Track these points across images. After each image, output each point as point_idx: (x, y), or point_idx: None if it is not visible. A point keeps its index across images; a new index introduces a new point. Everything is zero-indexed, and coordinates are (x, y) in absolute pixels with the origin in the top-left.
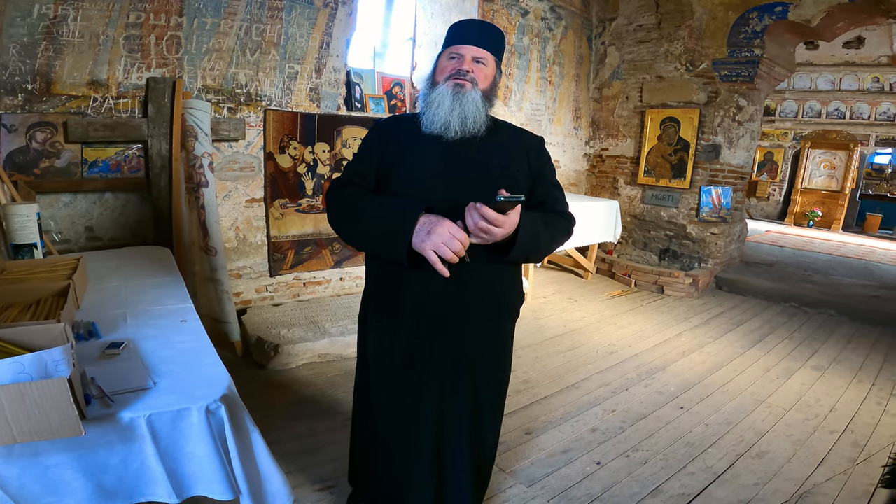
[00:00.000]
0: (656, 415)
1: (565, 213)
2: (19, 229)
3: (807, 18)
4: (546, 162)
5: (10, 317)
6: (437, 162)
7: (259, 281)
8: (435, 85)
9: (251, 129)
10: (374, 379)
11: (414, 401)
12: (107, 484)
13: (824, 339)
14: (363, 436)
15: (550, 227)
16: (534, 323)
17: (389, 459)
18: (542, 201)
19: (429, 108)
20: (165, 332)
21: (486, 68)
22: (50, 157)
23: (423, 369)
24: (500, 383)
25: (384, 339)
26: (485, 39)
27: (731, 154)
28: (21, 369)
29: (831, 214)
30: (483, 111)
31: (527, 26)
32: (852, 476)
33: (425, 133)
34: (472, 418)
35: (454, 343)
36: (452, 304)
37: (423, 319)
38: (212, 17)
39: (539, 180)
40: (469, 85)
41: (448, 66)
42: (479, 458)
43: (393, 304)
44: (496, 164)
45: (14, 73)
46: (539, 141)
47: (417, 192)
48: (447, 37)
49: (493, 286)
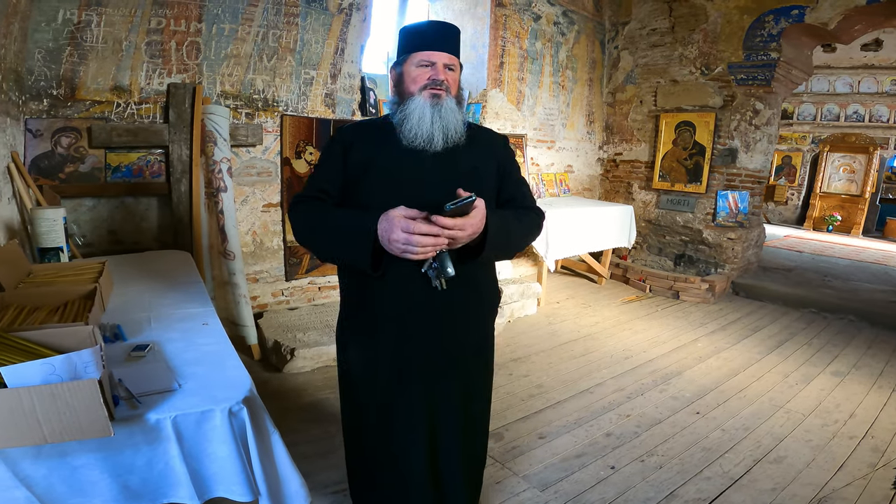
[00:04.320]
0: (672, 420)
1: (534, 208)
2: (46, 233)
3: (824, 21)
4: (511, 160)
5: (39, 319)
6: (408, 166)
7: (275, 285)
8: (409, 95)
9: (268, 135)
10: (361, 398)
11: (405, 416)
12: (132, 485)
13: (844, 344)
14: (357, 454)
15: (521, 223)
16: (547, 328)
17: (386, 477)
18: (510, 198)
19: (407, 120)
20: (188, 335)
21: (455, 74)
22: (74, 162)
23: (410, 382)
24: (486, 383)
25: (367, 353)
26: (452, 44)
27: (748, 158)
28: (52, 370)
29: (851, 219)
30: (461, 119)
31: (539, 31)
32: (872, 481)
33: (403, 143)
34: (464, 424)
35: (438, 349)
36: (432, 309)
37: (404, 328)
38: (230, 23)
39: (506, 178)
40: (444, 94)
41: (420, 74)
42: (472, 462)
43: (371, 315)
44: (467, 165)
45: (39, 78)
46: (503, 139)
47: (388, 198)
48: (407, 40)
49: (471, 287)
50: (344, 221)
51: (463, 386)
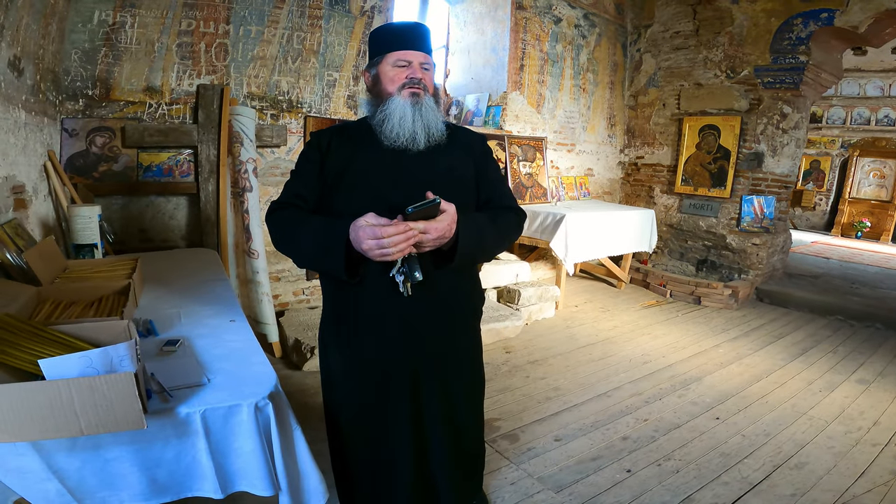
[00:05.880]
0: (690, 425)
1: (513, 207)
2: (81, 230)
3: (854, 24)
4: (489, 159)
5: (75, 313)
6: (388, 167)
7: (296, 284)
8: (387, 95)
9: (292, 136)
10: (343, 403)
11: (391, 424)
12: (159, 478)
13: (870, 352)
14: (343, 463)
15: (497, 224)
16: (565, 331)
17: (373, 485)
18: (488, 199)
19: (388, 120)
20: (217, 332)
21: (430, 73)
22: (108, 161)
23: (392, 387)
24: (473, 383)
25: (351, 361)
26: (426, 44)
27: (774, 163)
28: (89, 363)
29: (880, 225)
30: (441, 117)
31: (560, 34)
32: (893, 488)
33: (385, 144)
34: (451, 427)
35: (419, 354)
36: (412, 314)
37: (384, 332)
38: (256, 25)
39: (483, 178)
40: (422, 93)
41: (396, 74)
42: (462, 459)
43: (353, 321)
44: (446, 166)
45: (76, 78)
46: (481, 139)
47: (369, 200)
48: (381, 42)
49: (450, 290)
50: (319, 230)
51: (446, 391)
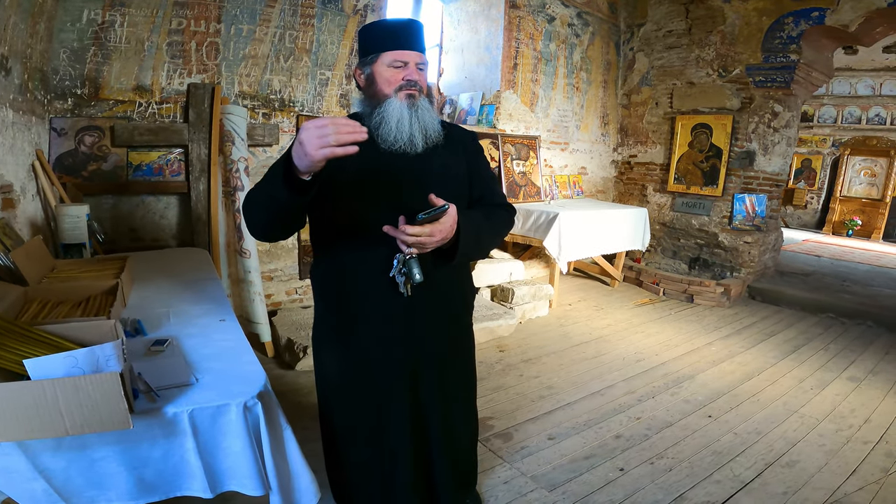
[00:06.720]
0: (683, 423)
1: (504, 205)
2: (70, 230)
3: (844, 23)
4: (480, 157)
5: (62, 313)
6: (385, 169)
7: (289, 283)
8: (383, 97)
9: (284, 135)
10: (339, 403)
11: (389, 424)
12: (147, 478)
13: (861, 350)
14: (338, 463)
15: (491, 221)
16: (559, 330)
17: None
18: (480, 196)
19: (385, 123)
20: (206, 331)
21: (424, 72)
22: (97, 161)
23: (388, 384)
24: (468, 378)
25: (348, 361)
26: (421, 43)
27: (766, 161)
28: (74, 363)
29: (871, 223)
30: (436, 116)
31: (553, 32)
32: (884, 486)
33: (381, 147)
34: (447, 424)
35: (415, 350)
36: (413, 315)
37: (386, 333)
38: (247, 24)
39: (475, 176)
40: (418, 94)
41: (393, 75)
42: (459, 457)
43: (351, 321)
44: (441, 165)
45: (64, 77)
46: (472, 136)
47: (364, 202)
48: (376, 39)
49: (447, 287)
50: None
51: (443, 387)
